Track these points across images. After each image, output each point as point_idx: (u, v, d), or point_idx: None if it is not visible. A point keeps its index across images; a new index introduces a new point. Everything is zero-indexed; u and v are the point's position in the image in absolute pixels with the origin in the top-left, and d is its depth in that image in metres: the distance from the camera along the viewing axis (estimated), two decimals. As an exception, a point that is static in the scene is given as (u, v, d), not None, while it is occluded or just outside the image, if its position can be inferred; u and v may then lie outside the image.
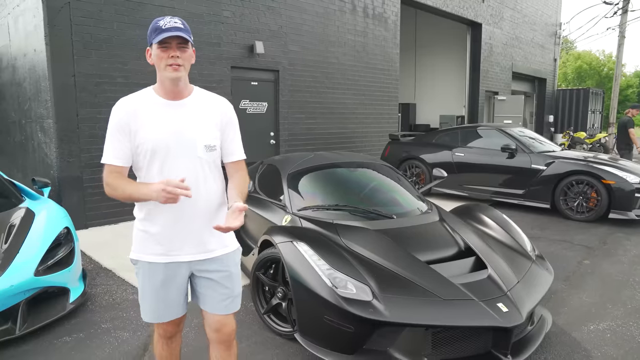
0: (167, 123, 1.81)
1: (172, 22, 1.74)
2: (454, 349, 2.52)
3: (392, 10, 10.43)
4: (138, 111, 1.80)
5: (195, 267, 1.91)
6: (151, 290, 1.90)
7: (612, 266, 4.57)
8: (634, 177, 6.12)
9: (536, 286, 2.84)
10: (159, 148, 1.79)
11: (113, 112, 1.82)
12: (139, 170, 1.86)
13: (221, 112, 1.93)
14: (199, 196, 1.84)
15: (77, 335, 3.07)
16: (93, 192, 5.77)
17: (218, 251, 1.93)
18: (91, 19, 5.64)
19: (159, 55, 1.75)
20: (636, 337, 3.14)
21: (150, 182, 1.79)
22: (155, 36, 1.74)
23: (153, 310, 1.94)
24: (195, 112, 1.86)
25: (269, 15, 7.75)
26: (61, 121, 5.51)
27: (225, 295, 1.96)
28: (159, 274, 1.87)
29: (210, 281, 1.93)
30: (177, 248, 1.86)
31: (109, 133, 1.82)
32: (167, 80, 1.78)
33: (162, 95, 1.84)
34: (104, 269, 4.33)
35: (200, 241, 1.88)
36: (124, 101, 1.84)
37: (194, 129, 1.84)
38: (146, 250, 1.88)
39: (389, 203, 3.81)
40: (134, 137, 1.79)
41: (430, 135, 8.76)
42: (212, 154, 1.88)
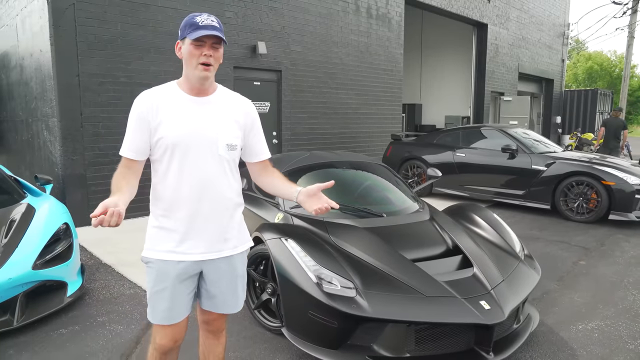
0: (190, 119, 1.79)
1: (209, 20, 1.73)
2: (436, 345, 2.57)
3: (396, 10, 10.46)
4: (161, 105, 1.77)
5: (207, 266, 1.88)
6: (164, 290, 1.82)
7: (607, 267, 4.57)
8: (634, 179, 6.09)
9: (521, 285, 2.87)
10: (180, 144, 1.76)
11: (135, 104, 1.79)
12: (159, 164, 1.81)
13: (245, 113, 1.92)
14: (218, 194, 1.84)
15: (72, 327, 3.16)
16: (96, 190, 5.88)
17: (230, 250, 1.91)
18: (95, 20, 5.75)
19: (192, 52, 1.73)
20: (623, 336, 3.15)
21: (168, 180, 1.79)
22: (191, 32, 1.71)
23: (165, 309, 1.84)
24: (219, 110, 1.85)
25: (271, 16, 7.82)
26: (65, 120, 5.63)
27: (229, 296, 1.95)
28: (172, 272, 1.82)
29: (217, 281, 1.91)
30: (193, 246, 1.83)
31: (129, 124, 1.79)
32: (196, 78, 1.76)
33: (187, 91, 1.82)
34: (103, 264, 4.43)
35: (216, 240, 1.86)
36: (147, 94, 1.80)
37: (217, 126, 1.82)
38: (160, 248, 1.82)
39: (381, 202, 3.86)
40: (154, 131, 1.76)
41: (432, 136, 8.78)
42: (232, 153, 1.86)
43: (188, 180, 1.79)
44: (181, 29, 1.77)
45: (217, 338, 2.08)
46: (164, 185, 1.81)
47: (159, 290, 1.83)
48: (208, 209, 1.82)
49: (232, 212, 1.91)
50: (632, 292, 3.93)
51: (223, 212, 1.87)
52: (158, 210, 1.85)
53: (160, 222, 1.84)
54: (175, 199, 1.79)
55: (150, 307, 1.88)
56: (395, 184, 4.22)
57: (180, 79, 1.86)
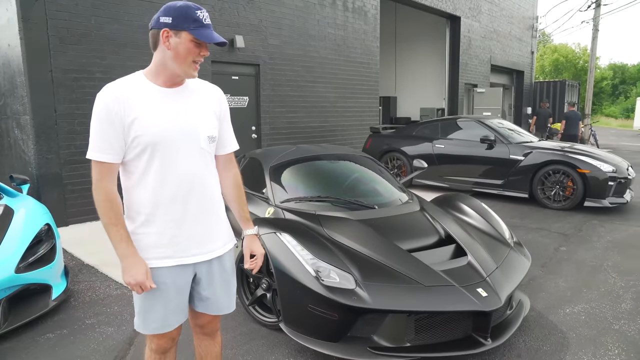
0: (168, 112, 1.64)
1: (208, 18, 1.64)
2: (435, 333, 2.59)
3: (371, 3, 10.47)
4: (131, 99, 1.59)
5: (200, 268, 1.78)
6: (159, 298, 1.70)
7: (586, 252, 4.72)
8: (607, 166, 6.30)
9: (514, 272, 2.93)
10: (161, 140, 1.61)
11: (99, 100, 1.58)
12: (134, 165, 1.64)
13: (218, 101, 1.82)
14: (204, 191, 1.74)
15: (60, 331, 3.05)
16: (73, 189, 5.70)
17: (221, 249, 1.83)
18: (67, 13, 5.53)
19: (190, 50, 1.61)
20: (608, 318, 3.27)
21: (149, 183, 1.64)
22: (195, 29, 1.59)
23: (160, 319, 1.73)
24: (195, 101, 1.73)
25: (248, 9, 7.72)
26: (38, 117, 5.42)
27: (224, 296, 1.87)
28: (166, 279, 1.70)
29: (209, 283, 1.81)
30: (184, 249, 1.71)
31: (95, 124, 1.58)
32: (185, 75, 1.65)
33: (157, 82, 1.66)
34: (86, 265, 4.29)
35: (206, 240, 1.77)
36: (111, 87, 1.61)
37: (196, 118, 1.70)
38: (149, 255, 1.68)
39: (371, 194, 3.87)
40: (128, 129, 1.58)
41: (411, 128, 8.86)
42: (212, 145, 1.77)
43: (171, 179, 1.65)
44: (176, 18, 1.58)
45: (213, 339, 2.02)
46: (143, 188, 1.65)
47: (152, 300, 1.70)
48: (196, 208, 1.71)
49: (217, 207, 1.82)
50: (612, 276, 4.07)
51: (211, 209, 1.77)
52: (139, 216, 1.68)
53: (145, 228, 1.68)
54: (159, 201, 1.65)
55: (140, 318, 1.73)
56: (382, 175, 4.24)
57: (147, 69, 1.69)
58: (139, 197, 1.66)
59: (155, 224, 1.68)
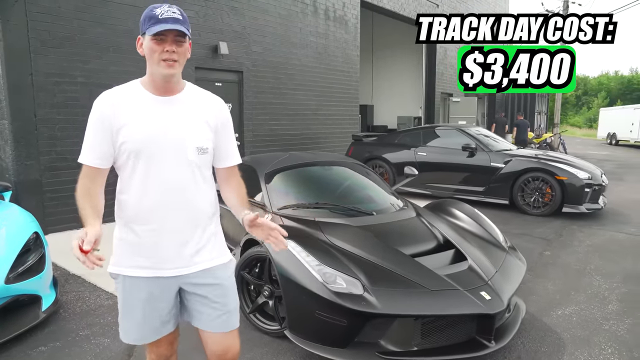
0: (155, 121, 1.61)
1: (170, 11, 1.56)
2: (441, 337, 2.63)
3: (352, 13, 10.61)
4: (122, 106, 1.60)
5: (184, 280, 1.70)
6: (134, 308, 1.67)
7: (569, 256, 4.88)
8: (583, 173, 6.55)
9: (512, 275, 3.01)
10: (144, 149, 1.59)
11: (95, 106, 1.61)
12: (122, 171, 1.65)
13: (216, 112, 1.74)
14: (188, 204, 1.67)
15: (53, 344, 2.93)
16: (53, 197, 5.51)
17: (208, 263, 1.73)
18: (49, 15, 5.39)
19: (152, 48, 1.56)
20: (598, 319, 3.38)
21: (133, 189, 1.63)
22: (150, 26, 1.54)
23: (137, 330, 1.70)
24: (187, 110, 1.67)
25: (232, 16, 7.69)
26: (17, 122, 5.23)
27: (219, 312, 1.74)
28: (142, 289, 1.66)
29: (200, 297, 1.72)
30: (163, 261, 1.66)
31: (88, 129, 1.61)
32: (160, 76, 1.60)
33: (151, 90, 1.64)
34: (72, 275, 4.15)
35: (189, 253, 1.68)
36: (107, 94, 1.63)
37: (185, 128, 1.65)
38: (128, 263, 1.66)
39: (367, 200, 3.90)
40: (116, 135, 1.59)
41: (393, 136, 8.98)
42: (204, 157, 1.69)
43: (154, 189, 1.62)
44: (140, 23, 1.60)
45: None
46: (128, 195, 1.64)
47: (130, 309, 1.68)
48: (177, 221, 1.65)
49: (205, 222, 1.73)
50: (596, 278, 4.22)
51: (195, 221, 1.69)
52: (123, 221, 1.68)
53: (126, 235, 1.67)
54: (141, 209, 1.63)
55: (120, 325, 1.73)
56: (375, 182, 4.27)
57: (143, 78, 1.67)
58: (125, 203, 1.66)
59: (135, 232, 1.65)
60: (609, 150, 21.03)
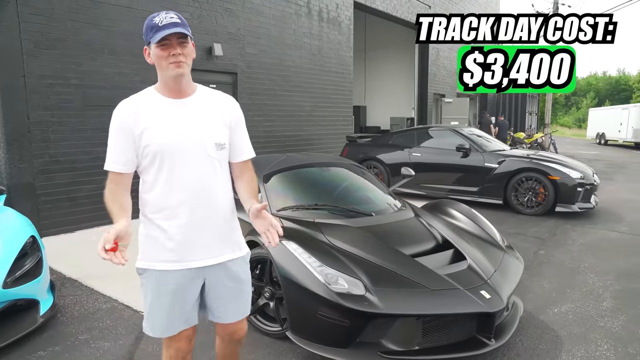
0: (174, 122, 1.72)
1: (169, 17, 1.66)
2: (442, 336, 2.65)
3: (345, 14, 10.64)
4: (141, 112, 1.71)
5: (208, 272, 1.82)
6: (163, 300, 1.76)
7: (563, 255, 4.93)
8: (575, 173, 6.63)
9: (511, 274, 3.04)
10: (167, 149, 1.70)
11: (114, 115, 1.72)
12: (147, 174, 1.75)
13: (229, 110, 1.86)
14: (213, 197, 1.78)
15: (52, 348, 2.91)
16: (47, 200, 5.47)
17: (230, 255, 1.86)
18: (42, 17, 5.34)
19: (159, 55, 1.67)
20: (593, 316, 3.43)
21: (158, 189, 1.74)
22: (153, 35, 1.65)
23: (165, 323, 1.78)
24: (202, 110, 1.78)
25: (226, 18, 7.68)
26: (10, 124, 5.18)
27: (237, 302, 1.90)
28: (171, 282, 1.76)
29: (222, 289, 1.85)
30: (191, 253, 1.76)
31: (110, 137, 1.72)
32: (171, 78, 1.70)
33: (166, 95, 1.75)
34: (68, 279, 4.12)
35: (214, 245, 1.81)
36: (125, 102, 1.74)
37: (202, 126, 1.76)
38: (155, 258, 1.76)
39: (365, 201, 3.91)
40: (138, 140, 1.70)
41: (387, 137, 9.02)
42: (222, 152, 1.81)
43: (180, 186, 1.73)
44: (144, 34, 1.71)
45: (240, 342, 2.05)
46: (154, 194, 1.75)
47: (157, 302, 1.77)
48: (203, 214, 1.77)
49: (228, 214, 1.86)
50: (590, 276, 4.28)
51: (218, 215, 1.81)
52: (148, 219, 1.78)
53: (152, 231, 1.77)
54: (168, 206, 1.73)
55: (147, 320, 1.81)
56: (373, 183, 4.30)
57: (156, 85, 1.79)
58: (151, 202, 1.76)
59: (162, 228, 1.75)
60: (599, 150, 21.30)
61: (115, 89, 6.00)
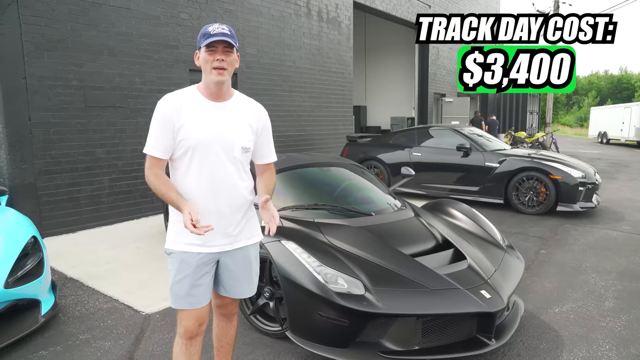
0: (210, 122, 1.91)
1: (220, 28, 1.86)
2: (442, 336, 2.65)
3: (345, 14, 10.65)
4: (183, 107, 1.89)
5: (223, 257, 2.03)
6: (186, 277, 1.96)
7: (565, 254, 4.93)
8: (577, 172, 6.62)
9: (511, 274, 3.04)
10: (201, 145, 1.89)
11: (159, 106, 1.89)
12: (180, 162, 1.93)
13: (258, 117, 2.06)
14: (233, 192, 1.98)
15: (53, 348, 2.92)
16: (48, 200, 5.48)
17: (244, 242, 2.07)
18: (42, 19, 5.36)
19: (206, 59, 1.86)
20: (595, 316, 3.42)
21: (188, 178, 1.93)
22: (204, 40, 1.86)
23: (187, 296, 1.97)
24: (236, 115, 1.98)
25: (226, 18, 7.69)
26: (11, 126, 5.19)
27: (245, 282, 2.12)
28: (192, 263, 1.96)
29: (234, 272, 2.06)
30: (211, 240, 1.96)
31: (153, 125, 1.89)
32: (212, 83, 1.89)
33: (206, 96, 1.94)
34: (69, 279, 4.13)
35: (232, 234, 2.01)
36: (170, 96, 1.93)
37: (234, 130, 1.96)
38: (183, 241, 1.96)
39: (365, 201, 3.91)
40: (177, 132, 1.88)
41: (387, 137, 9.01)
42: (246, 155, 2.01)
43: (206, 179, 1.92)
44: (198, 40, 1.92)
45: (230, 321, 2.25)
46: (184, 183, 1.94)
47: (181, 278, 1.97)
48: (224, 205, 1.96)
49: (245, 207, 2.06)
50: (592, 276, 4.27)
51: (237, 207, 2.01)
52: None
53: (180, 217, 1.91)
54: (196, 195, 1.92)
55: (172, 295, 2.00)
56: (373, 182, 4.30)
57: (199, 84, 1.98)
58: (181, 189, 1.93)
59: None
60: (601, 149, 21.25)
61: (115, 90, 6.02)
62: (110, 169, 6.06)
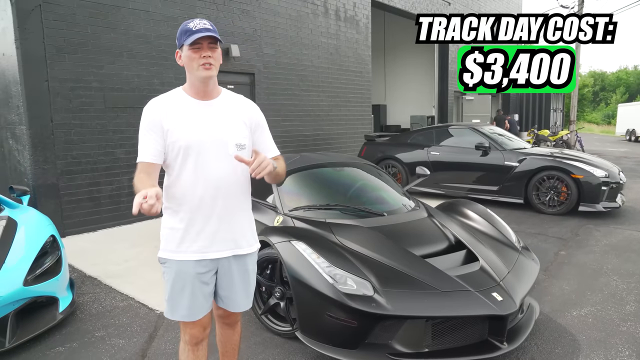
0: (200, 122, 1.84)
1: (202, 23, 1.79)
2: (452, 338, 2.61)
3: (363, 13, 10.60)
4: (170, 110, 1.83)
5: (222, 263, 1.93)
6: (184, 287, 1.88)
7: (585, 256, 4.80)
8: (600, 171, 6.43)
9: (525, 275, 2.97)
10: (193, 146, 1.81)
11: (145, 112, 1.84)
12: (172, 167, 1.86)
13: (250, 113, 1.97)
14: (230, 194, 1.90)
15: (70, 345, 3.00)
16: (70, 200, 5.62)
17: (244, 249, 1.97)
18: (64, 22, 5.50)
19: (191, 57, 1.78)
20: (615, 320, 3.33)
21: (184, 180, 1.84)
22: (187, 38, 1.77)
23: (185, 306, 1.90)
24: (225, 112, 1.90)
25: (243, 19, 7.75)
26: (35, 127, 5.35)
27: (243, 294, 2.02)
28: (190, 271, 1.87)
29: (231, 280, 1.97)
30: (208, 245, 1.88)
31: (141, 133, 1.83)
32: (199, 80, 1.82)
33: (193, 95, 1.87)
34: (88, 277, 4.23)
35: (230, 238, 1.92)
36: (155, 101, 1.87)
37: (225, 127, 1.87)
38: (177, 249, 1.87)
39: (378, 201, 3.89)
40: (166, 136, 1.81)
41: (405, 136, 8.94)
42: (242, 152, 1.88)
43: (201, 181, 1.84)
44: (177, 38, 1.83)
45: (233, 328, 2.18)
46: (177, 187, 1.85)
47: (179, 290, 1.88)
48: (221, 209, 1.88)
49: (245, 211, 1.99)
50: (613, 278, 4.15)
51: (236, 211, 1.93)
52: (171, 211, 1.89)
53: (175, 223, 1.88)
54: (190, 199, 1.84)
55: (169, 306, 1.92)
56: (387, 182, 4.27)
57: (184, 86, 1.91)
58: (174, 194, 1.87)
59: (184, 221, 1.86)
60: (628, 147, 20.62)
61: (134, 91, 6.13)
62: (130, 169, 6.17)
